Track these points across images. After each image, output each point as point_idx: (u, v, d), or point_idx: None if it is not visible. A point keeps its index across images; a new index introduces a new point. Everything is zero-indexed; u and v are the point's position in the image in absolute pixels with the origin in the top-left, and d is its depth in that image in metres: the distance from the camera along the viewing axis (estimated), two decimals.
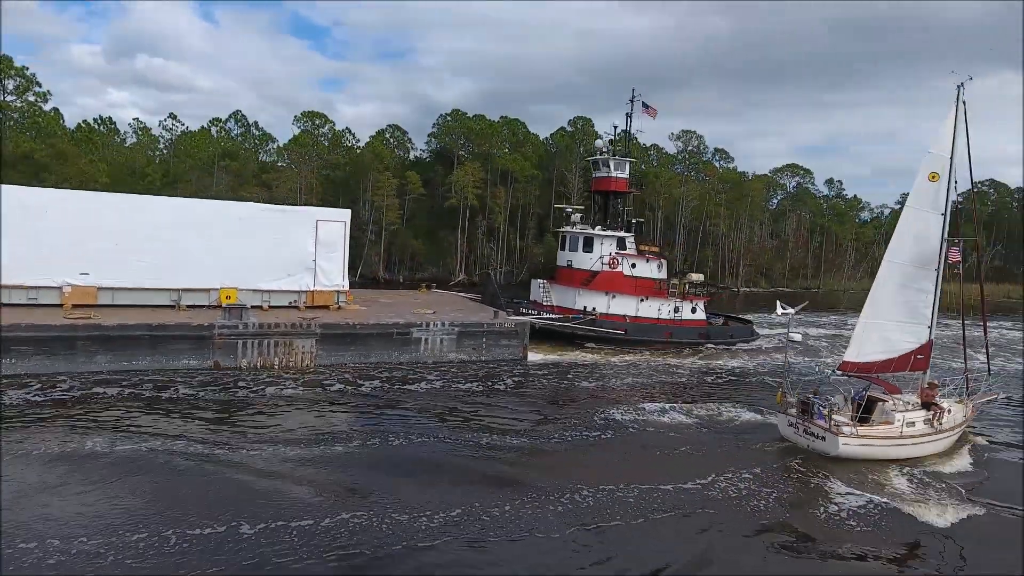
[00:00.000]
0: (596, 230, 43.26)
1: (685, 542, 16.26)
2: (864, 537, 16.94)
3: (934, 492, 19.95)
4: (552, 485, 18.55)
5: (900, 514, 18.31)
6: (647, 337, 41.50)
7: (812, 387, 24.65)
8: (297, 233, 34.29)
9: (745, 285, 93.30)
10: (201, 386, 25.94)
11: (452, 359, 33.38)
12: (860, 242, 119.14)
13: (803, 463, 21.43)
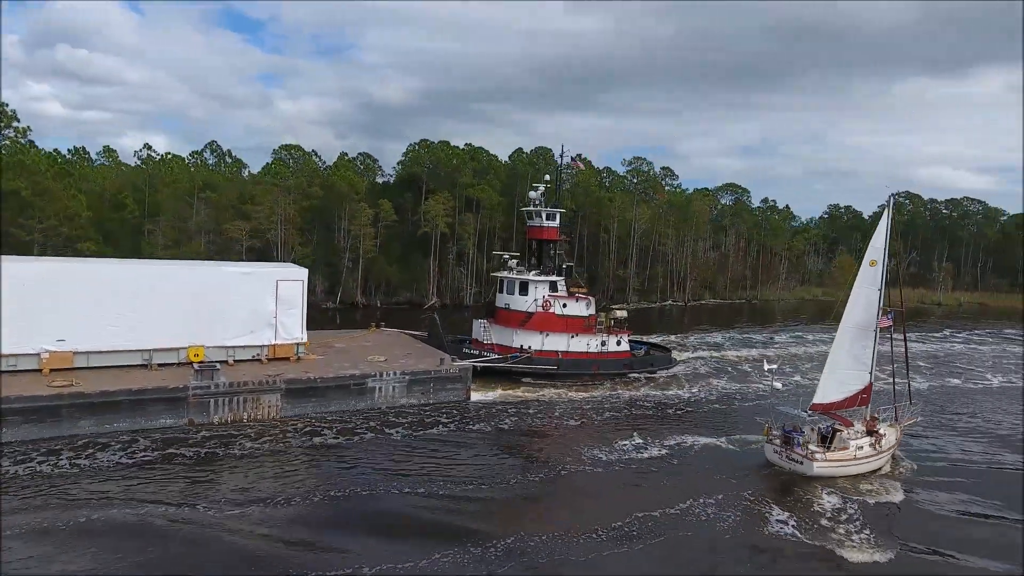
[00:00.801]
0: (531, 275, 47.12)
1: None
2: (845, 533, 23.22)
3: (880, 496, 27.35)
4: (506, 534, 21.77)
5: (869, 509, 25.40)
6: (577, 371, 45.43)
7: (791, 423, 31.11)
8: (259, 293, 36.88)
9: (692, 299, 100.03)
10: (177, 444, 28.59)
11: (403, 404, 36.66)
12: (792, 252, 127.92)
13: (788, 482, 28.30)
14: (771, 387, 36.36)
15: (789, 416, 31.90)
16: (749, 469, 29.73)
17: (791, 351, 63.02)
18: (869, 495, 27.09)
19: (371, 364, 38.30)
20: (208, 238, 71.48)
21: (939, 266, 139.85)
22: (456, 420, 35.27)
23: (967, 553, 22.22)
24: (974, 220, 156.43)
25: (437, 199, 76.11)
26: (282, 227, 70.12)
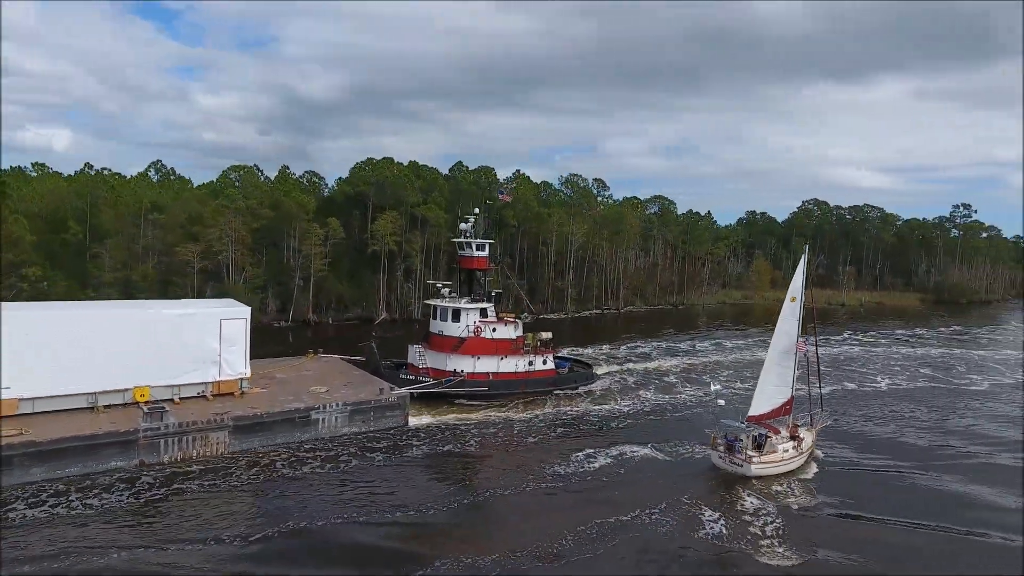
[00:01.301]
0: (463, 303, 49.80)
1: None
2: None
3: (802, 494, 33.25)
4: (454, 554, 24.51)
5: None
6: (507, 391, 48.17)
7: (732, 432, 36.18)
8: (203, 332, 37.68)
9: (625, 305, 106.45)
10: (128, 487, 29.56)
11: (346, 432, 38.31)
12: (713, 258, 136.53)
13: (730, 481, 34.07)
14: (715, 403, 43.89)
15: (730, 427, 37.29)
16: (688, 476, 34.68)
17: (712, 359, 69.34)
18: (788, 494, 32.61)
19: (313, 396, 39.73)
20: (157, 259, 71.74)
21: (843, 270, 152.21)
22: (397, 446, 37.34)
23: (848, 552, 27.74)
24: (874, 225, 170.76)
25: (385, 218, 78.78)
26: (233, 248, 71.18)
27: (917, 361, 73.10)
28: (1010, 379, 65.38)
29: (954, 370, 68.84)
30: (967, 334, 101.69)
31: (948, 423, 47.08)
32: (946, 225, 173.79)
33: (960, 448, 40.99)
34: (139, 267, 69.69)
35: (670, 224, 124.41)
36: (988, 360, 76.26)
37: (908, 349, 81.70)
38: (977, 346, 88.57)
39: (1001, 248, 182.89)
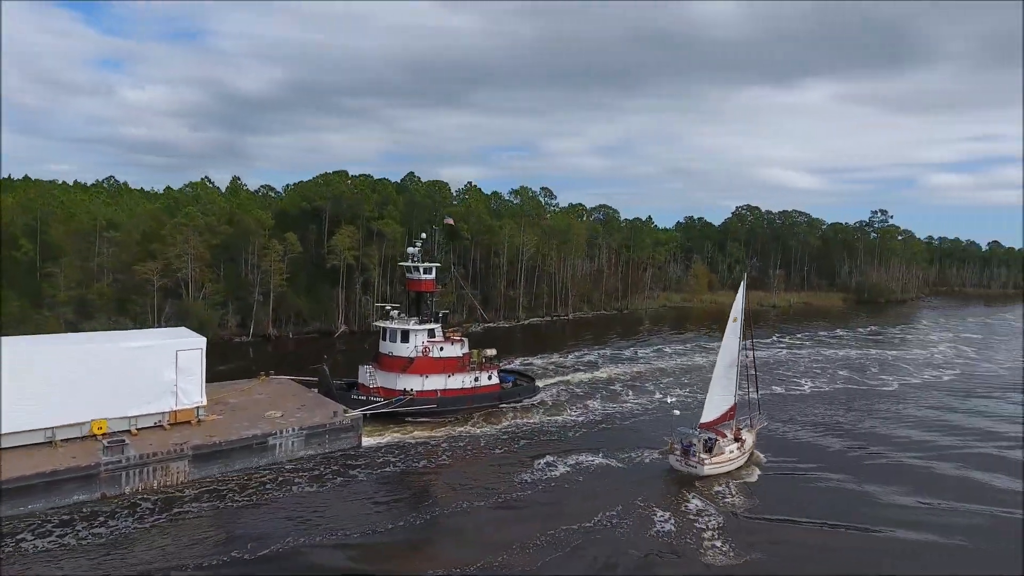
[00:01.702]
0: (412, 324, 51.59)
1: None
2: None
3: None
4: (418, 570, 27.00)
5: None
6: (455, 407, 50.56)
7: (687, 438, 40.75)
8: (159, 364, 38.38)
9: (574, 312, 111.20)
10: (92, 520, 30.36)
11: (302, 456, 39.67)
12: (655, 263, 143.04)
13: (678, 483, 38.73)
14: (671, 414, 48.76)
15: (685, 434, 41.92)
16: (640, 480, 38.63)
17: (655, 365, 74.30)
18: (726, 494, 37.15)
19: (269, 421, 40.76)
20: (112, 278, 71.68)
21: (774, 273, 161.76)
22: (353, 467, 38.82)
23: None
24: (801, 229, 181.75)
25: (343, 233, 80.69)
26: (192, 265, 71.83)
27: (837, 363, 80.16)
28: (916, 379, 72.83)
29: (868, 371, 76.03)
30: (882, 334, 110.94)
31: (861, 426, 52.76)
32: (866, 229, 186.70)
33: (872, 450, 46.50)
34: (95, 286, 69.54)
35: (614, 232, 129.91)
36: (899, 360, 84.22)
37: (830, 351, 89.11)
38: (891, 346, 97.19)
39: (915, 249, 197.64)
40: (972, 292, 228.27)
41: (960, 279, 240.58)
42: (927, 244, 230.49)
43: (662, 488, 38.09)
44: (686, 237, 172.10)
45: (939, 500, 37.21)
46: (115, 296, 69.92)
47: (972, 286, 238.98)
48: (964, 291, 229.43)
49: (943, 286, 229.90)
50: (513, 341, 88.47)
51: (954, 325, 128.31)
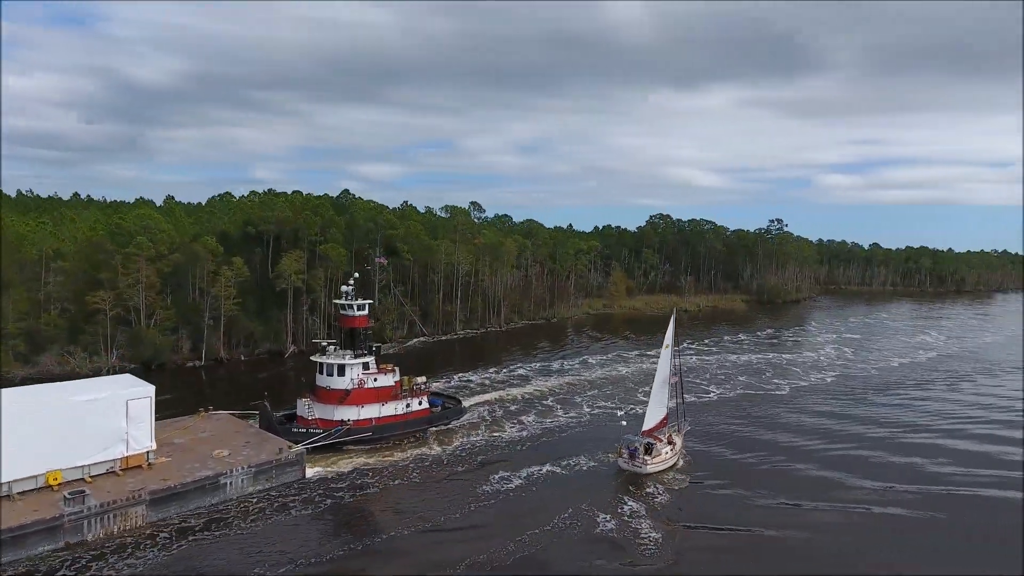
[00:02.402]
0: (347, 359, 54.92)
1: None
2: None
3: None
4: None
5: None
6: (389, 433, 54.60)
7: (632, 443, 49.36)
8: (110, 414, 40.58)
9: (506, 323, 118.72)
10: (57, 569, 32.96)
11: (251, 491, 42.71)
12: (576, 271, 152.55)
13: (632, 478, 47.65)
14: (622, 425, 58.64)
15: (630, 440, 50.44)
16: (583, 486, 46.25)
17: (582, 377, 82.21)
18: (655, 494, 45.48)
19: (218, 460, 43.56)
20: (61, 307, 72.85)
21: (685, 279, 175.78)
22: (298, 499, 42.36)
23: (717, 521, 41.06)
24: (707, 235, 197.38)
25: (291, 257, 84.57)
26: (142, 292, 74.01)
27: (738, 368, 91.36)
28: (804, 382, 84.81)
29: (764, 375, 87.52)
30: (777, 337, 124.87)
31: (755, 432, 62.20)
32: (765, 236, 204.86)
33: (761, 454, 55.82)
34: (44, 316, 70.67)
35: (540, 245, 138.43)
36: (791, 364, 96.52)
37: (733, 356, 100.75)
38: (784, 349, 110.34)
39: (806, 253, 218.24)
40: (856, 290, 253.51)
41: (846, 278, 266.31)
42: (818, 245, 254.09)
43: (604, 491, 46.02)
44: (604, 244, 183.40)
45: (804, 500, 45.91)
46: (66, 326, 71.28)
47: (856, 284, 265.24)
48: (849, 289, 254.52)
49: (832, 284, 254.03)
50: (452, 355, 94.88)
51: (838, 326, 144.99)
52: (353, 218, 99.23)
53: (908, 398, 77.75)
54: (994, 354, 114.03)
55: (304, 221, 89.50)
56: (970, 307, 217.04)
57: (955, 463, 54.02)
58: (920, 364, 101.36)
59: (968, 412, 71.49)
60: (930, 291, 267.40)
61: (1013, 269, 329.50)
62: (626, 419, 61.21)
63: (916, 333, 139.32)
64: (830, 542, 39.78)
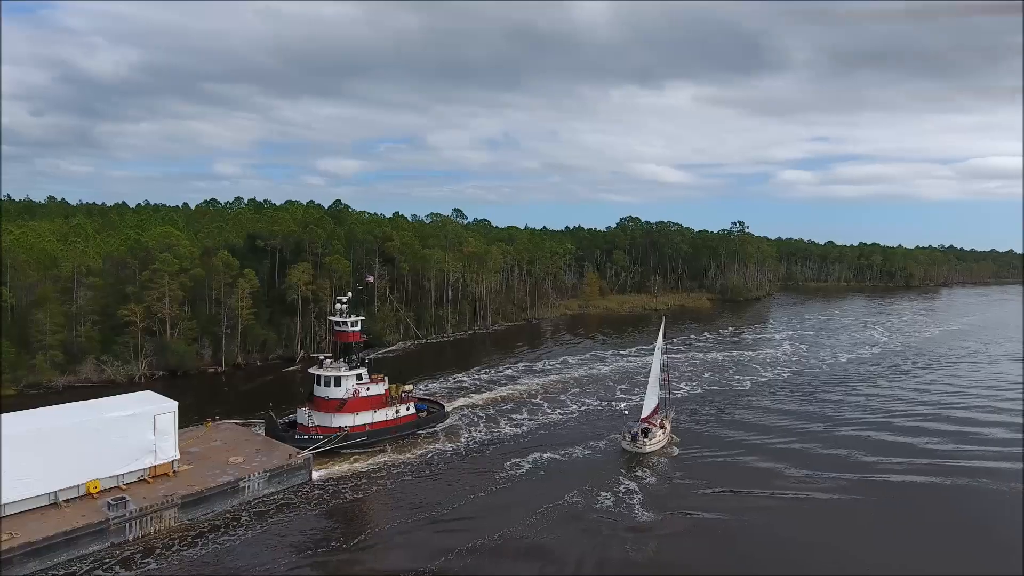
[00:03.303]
0: (342, 371, 60.33)
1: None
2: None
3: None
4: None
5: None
6: (381, 437, 60.13)
7: (634, 427, 58.95)
8: (140, 428, 45.83)
9: (492, 325, 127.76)
10: (107, 565, 38.02)
11: (265, 493, 48.01)
12: (551, 272, 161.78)
13: (633, 458, 57.62)
14: (623, 413, 69.96)
15: (632, 426, 60.74)
16: (583, 469, 54.83)
17: (565, 375, 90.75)
18: (646, 476, 54.25)
19: (236, 467, 48.87)
20: (91, 320, 79.26)
21: (654, 279, 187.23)
22: (308, 498, 47.98)
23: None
24: (674, 237, 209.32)
25: (299, 269, 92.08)
26: (168, 306, 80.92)
27: (704, 366, 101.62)
28: (764, 377, 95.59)
29: (727, 371, 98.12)
30: (739, 335, 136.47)
31: (722, 420, 72.45)
32: (728, 236, 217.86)
33: (731, 438, 66.28)
34: (80, 328, 77.11)
35: (521, 250, 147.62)
36: (752, 361, 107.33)
37: (699, 355, 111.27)
38: (745, 347, 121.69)
39: (766, 250, 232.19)
40: (813, 286, 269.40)
41: (804, 275, 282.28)
42: (777, 243, 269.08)
43: (601, 472, 54.69)
44: (577, 246, 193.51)
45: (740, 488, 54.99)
46: (99, 338, 77.84)
47: (813, 280, 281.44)
48: (807, 285, 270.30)
49: (790, 281, 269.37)
50: (444, 357, 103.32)
51: (794, 323, 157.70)
52: (352, 230, 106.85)
53: (849, 393, 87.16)
54: (932, 349, 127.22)
55: (309, 235, 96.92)
56: (916, 302, 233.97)
57: (880, 453, 61.80)
58: (866, 359, 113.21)
59: (894, 407, 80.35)
60: (880, 286, 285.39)
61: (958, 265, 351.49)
62: (627, 409, 71.41)
63: (865, 329, 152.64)
64: (762, 522, 46.84)
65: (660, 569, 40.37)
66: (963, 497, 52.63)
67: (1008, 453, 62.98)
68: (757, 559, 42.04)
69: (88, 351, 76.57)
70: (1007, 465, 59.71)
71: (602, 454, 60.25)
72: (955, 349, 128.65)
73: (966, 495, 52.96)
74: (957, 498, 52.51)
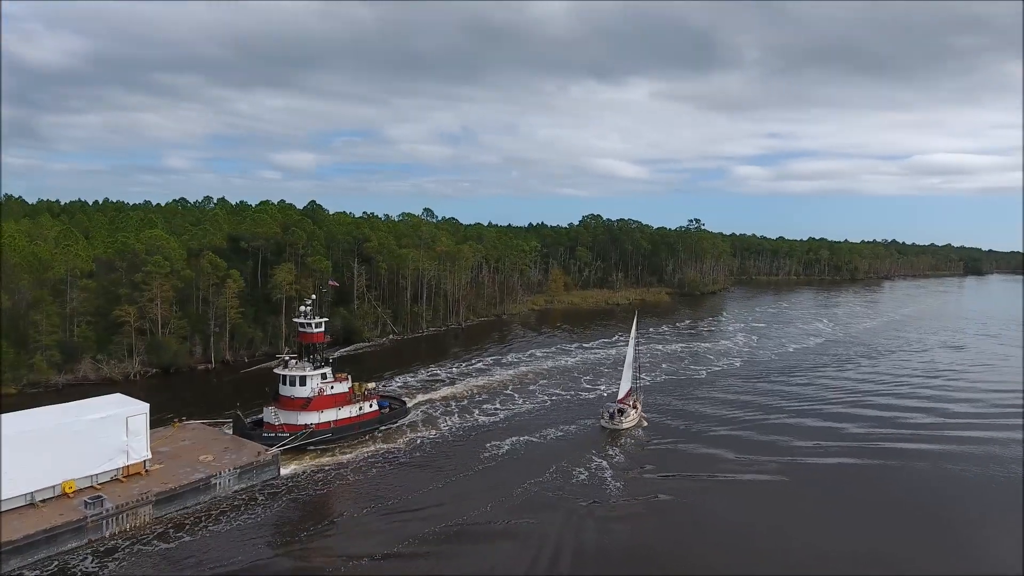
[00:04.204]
0: (307, 371, 62.41)
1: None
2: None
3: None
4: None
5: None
6: (345, 434, 62.54)
7: (611, 407, 66.82)
8: (113, 430, 47.57)
9: (465, 321, 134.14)
10: (84, 560, 40.04)
11: (236, 489, 50.03)
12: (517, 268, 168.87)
13: (612, 434, 66.92)
14: (603, 397, 78.15)
15: (610, 405, 68.97)
16: (557, 451, 61.54)
17: (533, 367, 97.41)
18: (617, 454, 61.01)
19: (207, 465, 50.55)
20: (85, 320, 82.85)
21: (617, 276, 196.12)
22: (277, 493, 50.13)
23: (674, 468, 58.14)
24: (634, 234, 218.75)
25: (282, 269, 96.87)
26: (160, 306, 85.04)
27: (662, 357, 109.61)
28: (718, 367, 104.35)
29: (684, 362, 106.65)
30: (695, 328, 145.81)
31: (680, 409, 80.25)
32: (685, 233, 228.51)
33: (689, 425, 74.36)
34: (77, 328, 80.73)
35: (490, 247, 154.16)
36: (707, 352, 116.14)
37: (658, 346, 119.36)
38: (701, 339, 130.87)
39: (721, 246, 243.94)
40: (765, 280, 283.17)
41: (756, 269, 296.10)
42: (731, 238, 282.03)
43: (577, 450, 61.57)
44: (542, 244, 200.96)
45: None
46: (95, 337, 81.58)
47: (765, 274, 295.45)
48: (759, 279, 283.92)
49: (744, 275, 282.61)
50: (419, 352, 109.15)
51: (746, 316, 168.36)
52: (331, 231, 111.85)
53: (789, 383, 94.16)
54: (871, 339, 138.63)
55: (291, 236, 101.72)
56: (859, 295, 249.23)
57: (806, 438, 68.18)
58: (810, 349, 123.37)
59: (824, 395, 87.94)
60: (828, 279, 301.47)
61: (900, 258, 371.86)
62: (606, 393, 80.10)
63: (811, 321, 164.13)
64: (697, 502, 52.41)
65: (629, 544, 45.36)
66: (881, 476, 59.48)
67: (926, 436, 70.60)
68: (703, 531, 47.84)
69: (84, 350, 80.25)
70: (925, 447, 67.44)
71: (573, 437, 66.90)
72: (892, 339, 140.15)
73: (884, 473, 60.04)
74: (879, 477, 59.00)
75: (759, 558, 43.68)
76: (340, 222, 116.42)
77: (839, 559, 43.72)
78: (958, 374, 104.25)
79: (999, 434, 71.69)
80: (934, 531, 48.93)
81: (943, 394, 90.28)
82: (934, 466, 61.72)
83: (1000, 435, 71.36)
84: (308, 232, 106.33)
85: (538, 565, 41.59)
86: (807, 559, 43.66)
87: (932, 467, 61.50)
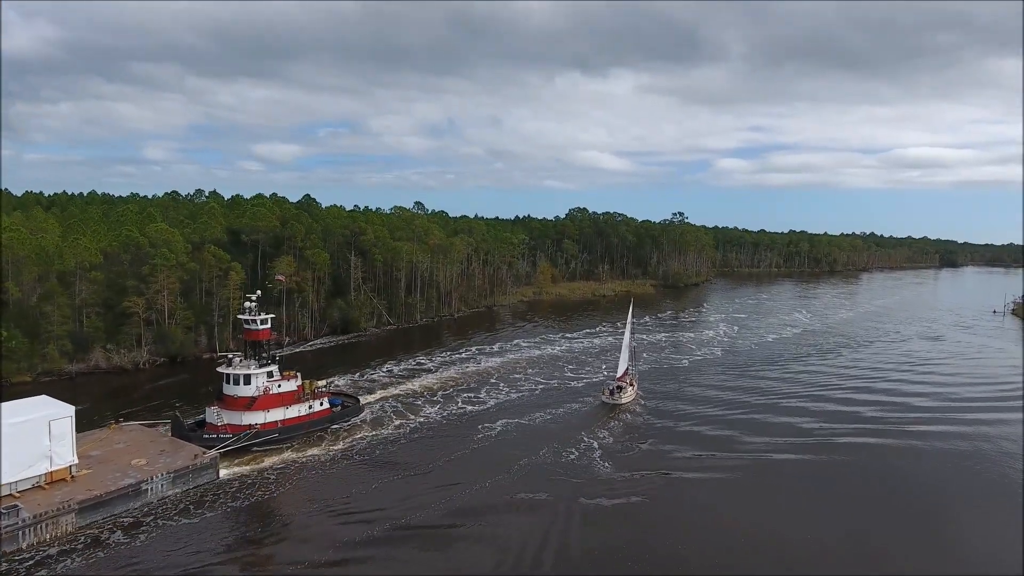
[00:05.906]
0: (252, 369, 60.11)
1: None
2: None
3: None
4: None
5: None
6: (294, 434, 60.19)
7: (612, 385, 74.59)
8: (34, 434, 44.46)
9: (457, 311, 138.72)
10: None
11: (170, 495, 47.14)
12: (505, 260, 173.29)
13: (612, 408, 74.20)
14: (604, 376, 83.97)
15: (610, 383, 75.23)
16: (551, 430, 66.18)
17: (521, 355, 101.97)
18: (610, 433, 65.77)
19: (139, 469, 47.68)
20: (94, 312, 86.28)
21: (603, 268, 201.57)
22: (215, 498, 47.38)
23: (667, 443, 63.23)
24: (619, 227, 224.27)
25: (282, 262, 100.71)
26: (166, 295, 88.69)
27: (646, 346, 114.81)
28: (699, 355, 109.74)
29: (666, 351, 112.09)
30: (678, 319, 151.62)
31: (675, 393, 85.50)
32: (669, 226, 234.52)
33: (684, 408, 79.40)
34: (85, 319, 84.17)
35: (480, 240, 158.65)
36: (690, 342, 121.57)
37: (643, 336, 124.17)
38: (683, 329, 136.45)
39: (703, 239, 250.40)
40: (746, 272, 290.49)
41: (738, 261, 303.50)
42: (714, 231, 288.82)
43: (570, 430, 66.08)
44: (530, 236, 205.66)
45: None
46: (104, 327, 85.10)
47: (747, 266, 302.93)
48: (741, 271, 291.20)
49: (726, 267, 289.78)
50: (413, 342, 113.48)
51: (727, 307, 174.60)
52: (328, 225, 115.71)
53: (761, 377, 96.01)
54: (848, 329, 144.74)
55: (290, 230, 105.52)
56: (837, 286, 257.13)
57: (766, 434, 67.85)
58: (787, 339, 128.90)
59: (788, 388, 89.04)
60: (807, 271, 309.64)
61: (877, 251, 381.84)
62: (605, 372, 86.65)
63: (790, 312, 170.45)
64: (682, 485, 56.09)
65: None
66: (828, 469, 59.11)
67: (872, 430, 72.00)
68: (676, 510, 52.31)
69: (95, 340, 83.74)
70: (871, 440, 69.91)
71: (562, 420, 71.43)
72: (868, 329, 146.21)
73: (830, 468, 59.32)
74: (824, 471, 58.78)
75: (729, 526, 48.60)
76: (335, 215, 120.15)
77: (825, 549, 44.19)
78: (935, 365, 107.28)
79: (998, 421, 76.09)
80: (936, 524, 49.39)
81: (907, 388, 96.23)
82: (938, 449, 64.60)
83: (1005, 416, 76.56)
84: (306, 226, 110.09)
85: (524, 557, 41.95)
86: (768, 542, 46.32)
87: (937, 451, 64.16)
